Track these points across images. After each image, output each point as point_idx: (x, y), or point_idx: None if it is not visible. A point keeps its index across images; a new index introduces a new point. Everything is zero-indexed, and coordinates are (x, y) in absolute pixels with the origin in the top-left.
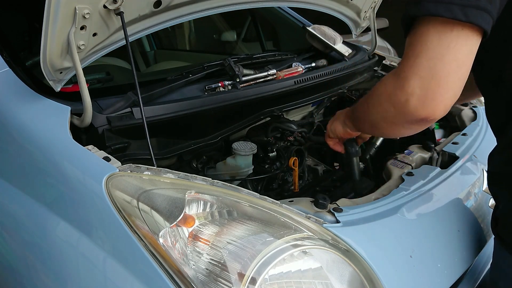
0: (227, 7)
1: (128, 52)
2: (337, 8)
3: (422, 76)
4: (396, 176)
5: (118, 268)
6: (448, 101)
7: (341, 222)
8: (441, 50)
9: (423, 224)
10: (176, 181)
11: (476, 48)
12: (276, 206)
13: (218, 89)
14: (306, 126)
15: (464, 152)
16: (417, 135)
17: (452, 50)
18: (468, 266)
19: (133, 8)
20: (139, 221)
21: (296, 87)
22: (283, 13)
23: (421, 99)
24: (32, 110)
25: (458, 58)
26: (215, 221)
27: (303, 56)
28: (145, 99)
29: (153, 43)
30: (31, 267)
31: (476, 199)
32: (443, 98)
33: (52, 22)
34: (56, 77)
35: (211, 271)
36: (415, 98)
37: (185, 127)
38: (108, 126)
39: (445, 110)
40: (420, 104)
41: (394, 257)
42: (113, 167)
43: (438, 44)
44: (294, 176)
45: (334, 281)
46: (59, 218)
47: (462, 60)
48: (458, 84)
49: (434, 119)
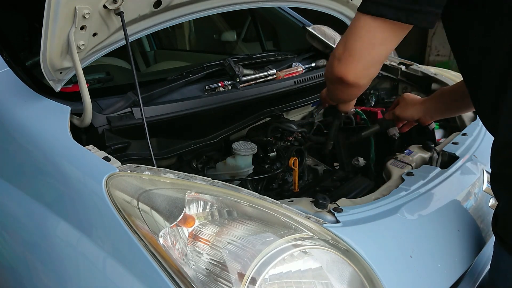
0: (227, 7)
1: (128, 52)
2: (337, 8)
3: (344, 47)
4: (396, 176)
5: (118, 268)
6: (357, 70)
7: (341, 222)
8: (360, 32)
9: (423, 224)
10: (176, 181)
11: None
12: (276, 206)
13: (218, 89)
14: (306, 126)
15: (464, 152)
16: (417, 135)
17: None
18: (468, 266)
19: (133, 8)
20: (139, 221)
21: (296, 87)
22: (283, 13)
23: (339, 63)
24: (32, 110)
25: (372, 41)
26: (215, 221)
27: (303, 56)
28: (145, 99)
29: (153, 43)
30: (31, 267)
31: (476, 199)
32: (352, 66)
33: (52, 22)
34: (56, 77)
35: (211, 271)
36: (336, 61)
37: (185, 127)
38: (108, 126)
39: (355, 77)
40: (338, 66)
41: (394, 257)
42: (113, 167)
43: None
44: (294, 176)
45: (334, 281)
46: (59, 218)
47: (374, 43)
48: (367, 58)
49: (348, 81)
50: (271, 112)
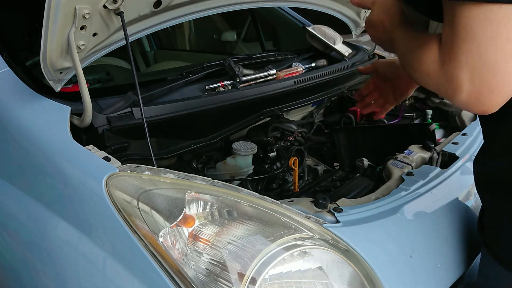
0: (227, 7)
1: (128, 52)
2: (337, 8)
3: (471, 66)
4: (396, 176)
5: (118, 268)
6: (509, 91)
7: (341, 222)
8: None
9: (423, 224)
10: (176, 181)
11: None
12: (276, 206)
13: (218, 89)
14: (306, 126)
15: (464, 152)
16: (417, 135)
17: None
18: (468, 267)
19: (133, 8)
20: (139, 221)
21: (296, 87)
22: (283, 13)
23: (474, 95)
24: (32, 110)
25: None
26: (215, 221)
27: (303, 56)
28: (145, 99)
29: (153, 43)
30: (31, 267)
31: (476, 199)
32: (502, 89)
33: (52, 22)
34: (56, 77)
35: (211, 271)
36: (465, 94)
37: (185, 127)
38: (108, 126)
39: (505, 101)
40: (472, 100)
41: (394, 257)
42: (113, 167)
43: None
44: (294, 176)
45: (334, 281)
46: (59, 218)
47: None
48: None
49: (494, 111)
50: (271, 112)
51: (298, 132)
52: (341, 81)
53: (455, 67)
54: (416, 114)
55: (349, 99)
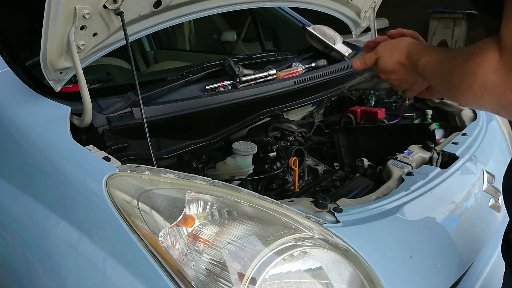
0: (227, 7)
1: (128, 52)
2: (337, 8)
3: None
4: (396, 176)
5: (118, 268)
6: None
7: (341, 222)
8: None
9: (423, 224)
10: (176, 181)
11: None
12: (276, 206)
13: (218, 89)
14: (306, 126)
15: (464, 152)
16: (417, 135)
17: None
18: (468, 266)
19: (133, 8)
20: (139, 221)
21: (296, 87)
22: (283, 13)
23: None
24: (32, 110)
25: None
26: (215, 221)
27: (303, 56)
28: (145, 99)
29: (153, 43)
30: (31, 267)
31: (476, 199)
32: None
33: (52, 22)
34: (56, 77)
35: (211, 271)
36: None
37: (185, 127)
38: (108, 126)
39: None
40: None
41: (394, 257)
42: (113, 167)
43: None
44: (294, 176)
45: (334, 281)
46: (59, 218)
47: None
48: None
49: None
50: (271, 112)
51: (298, 132)
52: (341, 81)
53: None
54: (416, 114)
55: (349, 99)
